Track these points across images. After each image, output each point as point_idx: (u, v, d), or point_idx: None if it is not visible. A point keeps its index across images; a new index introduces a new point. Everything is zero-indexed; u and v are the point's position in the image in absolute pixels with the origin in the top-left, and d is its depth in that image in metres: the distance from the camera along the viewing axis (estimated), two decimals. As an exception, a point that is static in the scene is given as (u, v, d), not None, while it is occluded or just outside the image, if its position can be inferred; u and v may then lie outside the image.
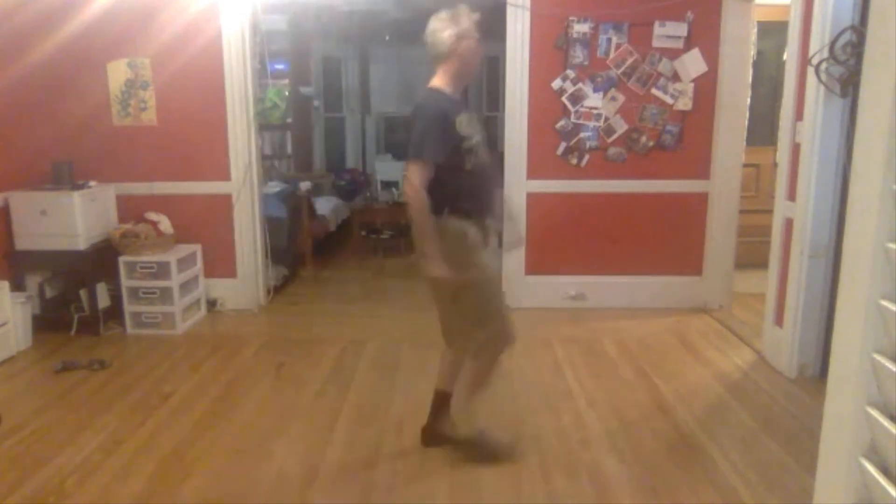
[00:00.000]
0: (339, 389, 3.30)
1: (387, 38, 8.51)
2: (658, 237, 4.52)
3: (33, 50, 4.18)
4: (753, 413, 3.02)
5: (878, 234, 0.90)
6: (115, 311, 4.22)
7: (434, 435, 2.70)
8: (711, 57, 4.28)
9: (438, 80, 2.52)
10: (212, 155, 4.45)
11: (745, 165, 4.55)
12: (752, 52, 4.49)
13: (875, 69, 0.92)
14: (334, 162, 8.73)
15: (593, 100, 4.34)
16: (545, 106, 4.36)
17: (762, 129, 5.11)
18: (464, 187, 2.46)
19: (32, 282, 4.12)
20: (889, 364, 0.89)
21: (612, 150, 4.41)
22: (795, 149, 3.38)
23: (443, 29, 2.44)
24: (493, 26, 4.69)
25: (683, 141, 4.39)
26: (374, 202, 6.86)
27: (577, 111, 4.36)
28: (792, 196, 3.41)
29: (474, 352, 2.56)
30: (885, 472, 0.89)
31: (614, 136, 4.39)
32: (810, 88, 3.21)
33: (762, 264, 3.76)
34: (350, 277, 5.73)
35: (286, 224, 5.42)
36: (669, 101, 4.33)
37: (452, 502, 2.36)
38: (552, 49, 4.29)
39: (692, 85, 4.32)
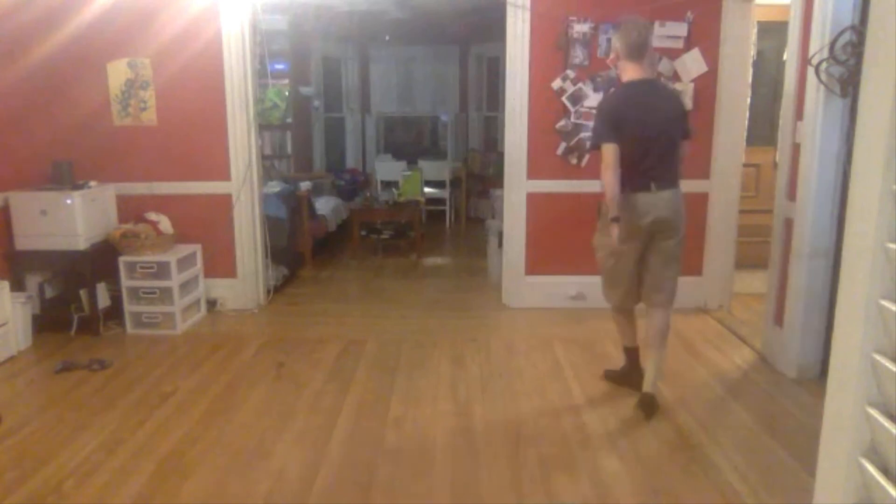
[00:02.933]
0: (339, 389, 3.30)
1: (387, 38, 8.51)
2: (658, 237, 4.52)
3: (33, 50, 4.18)
4: (753, 413, 3.02)
5: (878, 234, 0.90)
6: (115, 311, 4.22)
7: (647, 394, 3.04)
8: (711, 57, 4.28)
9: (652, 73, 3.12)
10: (212, 155, 4.44)
11: (745, 165, 4.55)
12: (752, 52, 4.49)
13: (875, 69, 0.92)
14: (334, 162, 8.73)
15: (593, 100, 4.32)
16: (545, 106, 4.35)
17: (762, 129, 5.10)
18: None
19: (32, 282, 4.12)
20: (889, 364, 0.89)
21: (612, 150, 4.40)
22: (795, 149, 3.38)
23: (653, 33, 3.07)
24: (493, 26, 4.69)
25: (683, 141, 4.39)
26: (374, 202, 6.86)
27: (577, 111, 4.36)
28: (792, 196, 3.41)
29: (670, 301, 3.06)
30: (885, 472, 0.89)
31: (614, 136, 4.38)
32: (810, 88, 3.21)
33: (762, 264, 3.76)
34: (350, 277, 5.73)
35: (286, 224, 5.42)
36: (669, 101, 4.33)
37: (452, 502, 2.36)
38: (552, 49, 4.29)
39: (692, 85, 4.32)
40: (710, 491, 2.40)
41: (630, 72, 2.95)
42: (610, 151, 2.85)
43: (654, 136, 2.90)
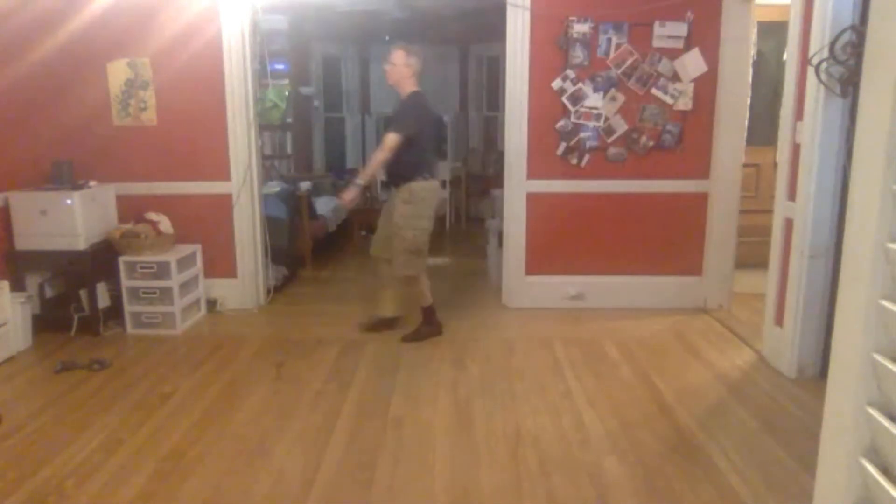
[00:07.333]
0: (338, 389, 3.30)
1: (387, 38, 8.50)
2: (658, 237, 4.52)
3: (33, 50, 4.18)
4: (753, 413, 3.02)
5: (878, 234, 0.90)
6: (115, 311, 4.22)
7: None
8: (711, 57, 4.28)
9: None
10: (212, 155, 4.44)
11: (745, 165, 4.55)
12: (752, 52, 4.49)
13: (875, 69, 0.92)
14: (334, 162, 8.73)
15: (593, 100, 4.34)
16: (545, 106, 4.35)
17: (762, 129, 5.10)
18: None
19: (32, 282, 4.12)
20: (889, 364, 0.89)
21: (612, 151, 4.41)
22: (795, 149, 3.38)
23: None
24: (493, 26, 4.70)
25: (683, 141, 4.39)
26: (374, 202, 6.85)
27: (577, 111, 4.36)
28: (792, 196, 3.41)
29: None
30: (885, 472, 0.89)
31: (614, 137, 4.39)
32: (810, 88, 3.21)
33: (762, 264, 3.76)
34: (350, 277, 5.73)
35: (286, 224, 5.42)
36: (669, 101, 4.33)
37: (452, 502, 2.36)
38: (552, 49, 4.29)
39: (692, 85, 4.32)
40: (710, 491, 2.40)
41: (414, 84, 3.84)
42: (398, 142, 3.68)
43: (437, 135, 4.09)
